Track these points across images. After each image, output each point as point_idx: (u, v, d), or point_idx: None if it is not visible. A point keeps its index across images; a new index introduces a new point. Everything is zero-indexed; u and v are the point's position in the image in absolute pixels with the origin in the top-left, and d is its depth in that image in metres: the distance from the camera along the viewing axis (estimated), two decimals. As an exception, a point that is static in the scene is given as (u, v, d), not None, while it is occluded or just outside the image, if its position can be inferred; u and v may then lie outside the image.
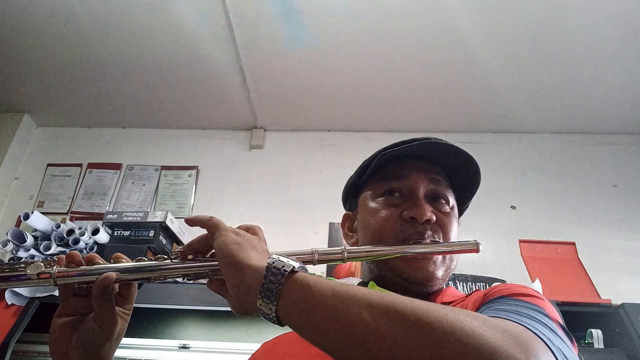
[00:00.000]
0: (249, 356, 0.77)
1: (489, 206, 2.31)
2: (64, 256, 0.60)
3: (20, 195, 2.55)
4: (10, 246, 1.92)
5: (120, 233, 1.95)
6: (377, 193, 0.77)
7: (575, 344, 0.56)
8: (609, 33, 1.96)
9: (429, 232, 0.71)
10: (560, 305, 1.62)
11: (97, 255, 0.63)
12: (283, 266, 0.49)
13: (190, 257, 0.62)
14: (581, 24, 1.94)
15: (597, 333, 1.62)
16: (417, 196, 0.73)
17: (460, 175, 0.78)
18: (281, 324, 0.49)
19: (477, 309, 0.61)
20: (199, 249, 0.62)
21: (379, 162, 0.75)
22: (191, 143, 2.69)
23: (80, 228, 1.98)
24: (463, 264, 1.94)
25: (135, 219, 1.96)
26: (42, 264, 0.58)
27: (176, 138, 2.71)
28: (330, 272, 1.94)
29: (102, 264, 0.60)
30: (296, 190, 2.44)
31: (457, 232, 0.76)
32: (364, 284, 0.74)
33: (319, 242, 2.24)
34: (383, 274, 0.72)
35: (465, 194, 0.82)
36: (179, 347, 1.72)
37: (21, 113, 2.69)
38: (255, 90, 2.43)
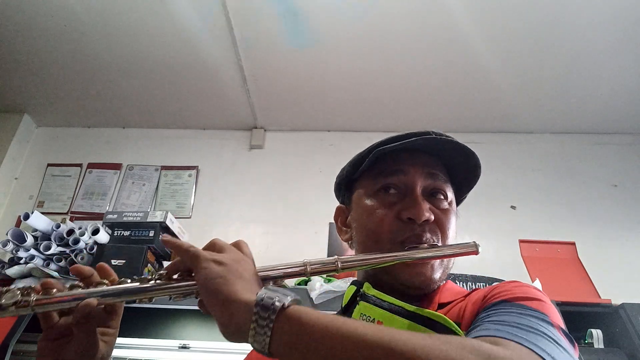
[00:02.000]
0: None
1: (489, 206, 2.31)
2: (44, 283, 0.57)
3: (20, 195, 2.55)
4: (10, 246, 1.92)
5: (120, 233, 1.95)
6: (372, 189, 0.72)
7: (577, 346, 0.54)
8: (608, 33, 1.96)
9: (427, 235, 0.67)
10: (560, 305, 1.62)
11: (80, 269, 0.59)
12: (273, 303, 0.46)
13: (175, 276, 0.58)
14: (581, 25, 1.94)
15: (597, 333, 1.62)
16: (415, 194, 0.69)
17: (459, 168, 0.74)
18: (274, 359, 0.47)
19: (476, 314, 0.58)
20: (182, 268, 0.58)
21: (373, 157, 0.70)
22: (191, 143, 2.69)
23: (80, 228, 1.98)
24: (463, 264, 1.93)
25: (135, 219, 1.96)
26: (18, 292, 0.55)
27: (176, 138, 2.71)
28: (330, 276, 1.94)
29: (80, 290, 0.57)
30: (296, 190, 2.44)
31: (456, 227, 0.73)
32: (359, 284, 0.70)
33: (319, 242, 2.24)
34: (379, 277, 0.69)
35: (464, 186, 0.78)
36: (179, 347, 1.72)
37: (21, 113, 2.69)
38: (255, 90, 2.43)
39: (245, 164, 2.59)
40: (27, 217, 1.97)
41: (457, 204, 0.78)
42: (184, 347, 1.72)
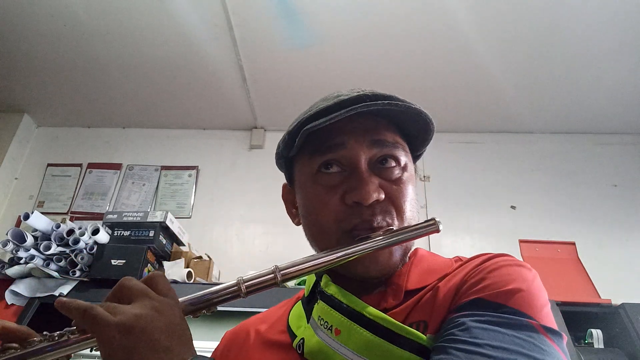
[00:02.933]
0: None
1: (489, 206, 2.31)
2: None
3: (20, 195, 2.55)
4: (10, 246, 1.92)
5: (120, 233, 1.95)
6: (310, 170, 0.61)
7: (565, 337, 0.49)
8: (608, 34, 1.96)
9: (379, 218, 0.57)
10: (560, 305, 1.62)
11: None
12: None
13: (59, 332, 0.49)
14: (581, 25, 1.94)
15: (597, 333, 1.62)
16: (359, 170, 0.58)
17: (409, 124, 0.63)
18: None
19: (447, 308, 0.53)
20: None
21: (304, 136, 0.60)
22: (191, 143, 2.69)
23: (80, 228, 1.97)
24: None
25: (135, 219, 1.95)
26: None
27: (176, 138, 2.71)
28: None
29: None
30: (296, 190, 2.44)
31: (415, 196, 0.62)
32: (319, 275, 0.62)
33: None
34: (335, 270, 0.59)
35: (418, 141, 0.66)
36: (179, 347, 1.72)
37: (21, 113, 2.69)
38: (255, 90, 2.43)
39: (245, 164, 2.59)
40: (27, 217, 1.97)
41: (414, 160, 0.67)
42: (184, 347, 1.72)
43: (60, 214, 2.45)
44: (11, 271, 1.87)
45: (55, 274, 1.74)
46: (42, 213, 2.09)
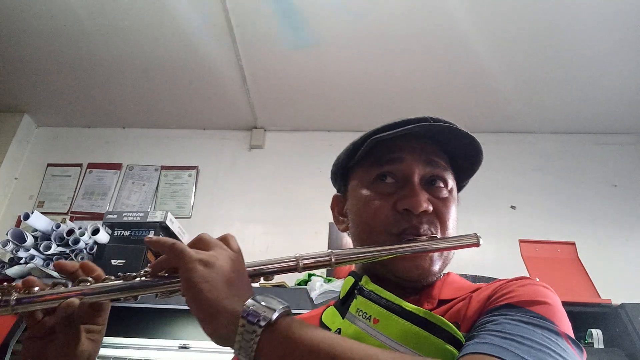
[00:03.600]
0: None
1: (489, 206, 2.31)
2: (26, 282, 0.55)
3: (20, 195, 2.55)
4: (10, 246, 1.92)
5: (120, 233, 1.95)
6: (368, 178, 0.69)
7: (585, 352, 0.52)
8: (609, 34, 1.96)
9: (425, 226, 0.64)
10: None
11: (64, 265, 0.57)
12: (258, 319, 0.45)
13: (161, 273, 0.55)
14: (581, 25, 1.94)
15: (597, 333, 1.62)
16: (412, 183, 0.65)
17: (459, 153, 0.70)
18: None
19: (478, 314, 0.56)
20: (167, 266, 0.55)
21: (368, 146, 0.67)
22: (191, 143, 2.69)
23: (80, 228, 1.98)
24: (463, 264, 1.93)
25: (135, 219, 1.96)
26: None
27: (176, 138, 2.71)
28: (329, 272, 1.94)
29: (62, 288, 0.54)
30: (296, 190, 2.44)
31: (456, 217, 0.69)
32: (357, 276, 0.67)
33: (319, 242, 2.23)
34: (377, 270, 0.66)
35: (465, 172, 0.74)
36: (179, 347, 1.72)
37: (21, 113, 2.69)
38: (255, 90, 2.43)
39: (245, 164, 2.59)
40: (27, 217, 1.97)
41: (458, 190, 0.75)
42: (184, 347, 1.72)
43: (60, 214, 2.45)
44: (11, 271, 1.87)
45: (55, 274, 1.74)
46: (42, 213, 2.09)
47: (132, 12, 2.01)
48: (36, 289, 0.54)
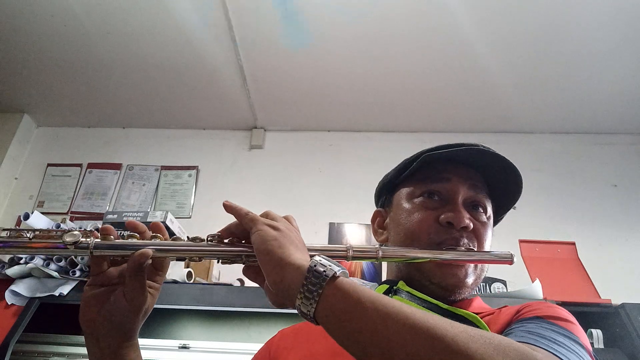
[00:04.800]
0: (252, 356, 0.77)
1: (489, 206, 2.30)
2: (100, 229, 0.60)
3: (20, 195, 2.55)
4: (10, 246, 1.92)
5: (120, 233, 1.95)
6: (415, 193, 0.75)
7: None
8: (608, 33, 1.96)
9: (465, 240, 0.69)
10: (561, 305, 1.61)
11: (136, 223, 0.62)
12: (325, 270, 0.48)
13: (226, 240, 0.60)
14: (581, 25, 1.94)
15: (597, 333, 1.62)
16: (456, 201, 0.71)
17: (500, 185, 0.76)
18: (317, 324, 0.48)
19: (507, 325, 0.59)
20: (236, 232, 0.60)
21: (421, 162, 0.73)
22: (191, 143, 2.69)
23: (80, 228, 1.97)
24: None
25: (135, 219, 1.95)
26: (78, 232, 0.58)
27: (176, 138, 2.71)
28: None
29: (137, 240, 0.59)
30: (296, 190, 2.44)
31: (491, 244, 0.74)
32: (392, 282, 0.71)
33: (319, 242, 2.23)
34: (412, 275, 0.70)
35: (503, 205, 0.79)
36: (179, 347, 1.72)
37: (21, 113, 2.69)
38: (255, 90, 2.43)
39: (245, 164, 2.59)
40: (27, 217, 1.97)
41: (494, 223, 0.80)
42: (184, 347, 1.72)
43: (60, 214, 2.45)
44: (11, 271, 1.87)
45: (55, 274, 1.74)
46: (42, 213, 2.09)
47: (132, 12, 2.01)
48: (112, 237, 0.59)
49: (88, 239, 0.57)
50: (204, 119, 2.67)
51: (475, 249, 0.69)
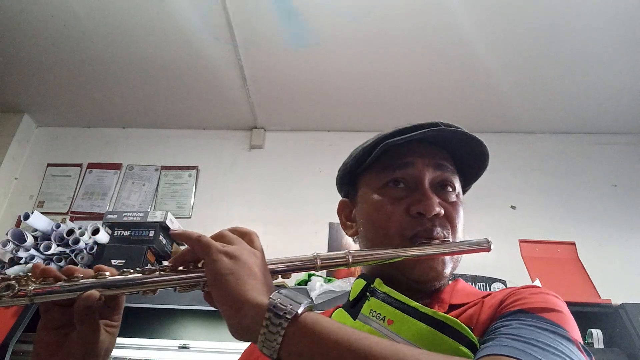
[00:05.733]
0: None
1: (489, 206, 2.30)
2: (37, 269, 0.54)
3: (20, 195, 2.55)
4: (10, 246, 1.92)
5: (120, 233, 1.95)
6: (378, 184, 0.70)
7: (594, 358, 0.53)
8: (609, 34, 1.96)
9: (438, 229, 0.66)
10: (561, 305, 1.61)
11: (76, 268, 0.55)
12: (285, 312, 0.45)
13: (180, 268, 0.55)
14: (581, 25, 1.94)
15: (597, 333, 1.62)
16: (423, 187, 0.67)
17: (466, 158, 0.72)
18: None
19: (491, 319, 0.57)
20: (189, 259, 0.55)
21: (380, 151, 0.68)
22: (191, 143, 2.69)
23: (80, 228, 1.98)
24: (463, 264, 1.93)
25: (135, 219, 1.96)
26: (14, 282, 0.51)
27: (176, 138, 2.71)
28: (330, 274, 1.94)
29: (81, 280, 0.53)
30: (296, 190, 2.44)
31: (463, 220, 0.71)
32: (368, 278, 0.68)
33: (319, 242, 2.23)
34: (389, 273, 0.67)
35: (470, 176, 0.76)
36: (179, 347, 1.72)
37: (21, 113, 2.69)
38: (255, 90, 2.43)
39: (245, 164, 2.59)
40: (27, 217, 1.97)
41: (463, 193, 0.77)
42: (184, 347, 1.72)
43: (60, 214, 2.45)
44: (11, 271, 1.87)
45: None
46: (42, 213, 2.09)
47: (132, 12, 2.01)
48: (51, 279, 0.53)
49: (26, 287, 0.51)
50: (204, 119, 2.67)
51: (450, 237, 0.67)
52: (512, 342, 0.48)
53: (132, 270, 0.55)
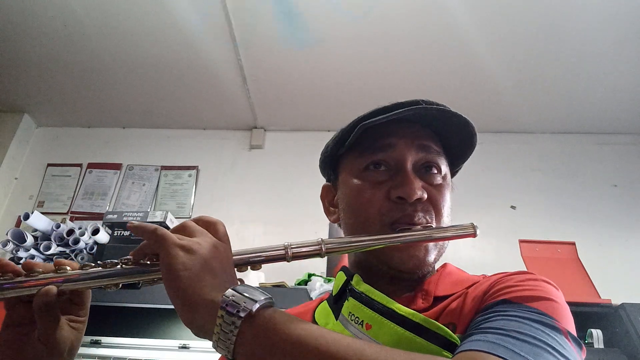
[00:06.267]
0: None
1: (489, 206, 2.30)
2: None
3: (20, 195, 2.55)
4: (10, 246, 1.92)
5: (120, 233, 1.95)
6: (358, 167, 0.66)
7: (584, 349, 0.50)
8: (608, 34, 1.96)
9: (420, 214, 0.61)
10: (560, 305, 1.61)
11: (36, 262, 0.54)
12: (239, 308, 0.43)
13: (142, 261, 0.53)
14: (581, 25, 1.94)
15: (597, 333, 1.62)
16: (405, 170, 0.62)
17: (453, 137, 0.67)
18: None
19: (474, 312, 0.54)
20: (150, 252, 0.53)
21: (358, 132, 0.63)
22: (191, 143, 2.69)
23: (80, 228, 1.98)
24: (462, 264, 1.93)
25: (135, 219, 1.96)
26: None
27: (176, 138, 2.71)
28: (330, 270, 1.94)
29: (41, 274, 0.52)
30: (296, 190, 2.44)
31: (451, 203, 0.66)
32: (348, 273, 0.65)
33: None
34: (369, 263, 0.64)
35: (459, 157, 0.70)
36: (179, 347, 1.72)
37: (21, 113, 2.69)
38: (255, 90, 2.43)
39: (245, 164, 2.59)
40: (27, 217, 1.97)
41: (452, 175, 0.72)
42: (184, 347, 1.72)
43: (60, 214, 2.45)
44: (11, 271, 1.87)
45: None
46: (42, 213, 2.09)
47: (132, 12, 2.01)
48: (9, 274, 0.52)
49: None
50: (204, 119, 2.67)
51: (434, 222, 0.62)
52: (489, 335, 0.45)
53: (93, 264, 0.53)
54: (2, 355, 0.53)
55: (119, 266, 0.52)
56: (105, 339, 1.71)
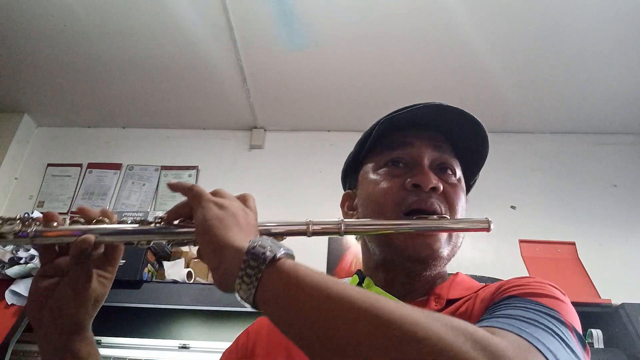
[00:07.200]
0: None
1: (489, 206, 2.30)
2: (47, 216, 0.57)
3: (20, 195, 2.55)
4: (10, 246, 1.92)
5: (70, 218, 1.95)
6: (379, 164, 0.71)
7: (589, 349, 0.51)
8: (608, 34, 1.96)
9: (434, 202, 0.64)
10: (561, 305, 1.61)
11: (84, 209, 0.59)
12: (264, 253, 0.44)
13: (175, 222, 0.57)
14: (581, 25, 1.94)
15: (597, 333, 1.62)
16: (422, 164, 0.67)
17: (466, 144, 0.72)
18: (258, 310, 0.45)
19: (483, 311, 0.55)
20: (184, 213, 0.57)
21: (380, 129, 0.68)
22: (191, 143, 2.69)
23: (25, 214, 1.97)
24: (462, 264, 1.93)
25: (135, 219, 1.95)
26: (18, 221, 0.55)
27: (176, 138, 2.71)
28: (330, 272, 1.94)
29: (80, 225, 0.56)
30: (296, 190, 2.44)
31: (465, 207, 0.70)
32: (361, 277, 0.67)
33: (319, 242, 2.23)
34: (385, 256, 0.66)
35: (471, 168, 0.75)
36: (179, 347, 1.72)
37: (21, 113, 2.69)
38: (255, 90, 2.43)
39: (245, 164, 2.59)
40: (27, 217, 1.97)
41: (467, 190, 0.76)
42: (184, 347, 1.72)
43: (61, 214, 2.44)
44: (11, 271, 1.87)
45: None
46: (42, 213, 2.09)
47: (132, 12, 2.01)
48: (55, 223, 0.56)
49: (28, 228, 0.55)
50: (204, 119, 2.67)
51: (448, 215, 0.65)
52: (498, 318, 0.46)
53: (129, 221, 0.58)
54: (31, 298, 0.57)
55: (152, 225, 0.57)
56: (105, 339, 1.71)
